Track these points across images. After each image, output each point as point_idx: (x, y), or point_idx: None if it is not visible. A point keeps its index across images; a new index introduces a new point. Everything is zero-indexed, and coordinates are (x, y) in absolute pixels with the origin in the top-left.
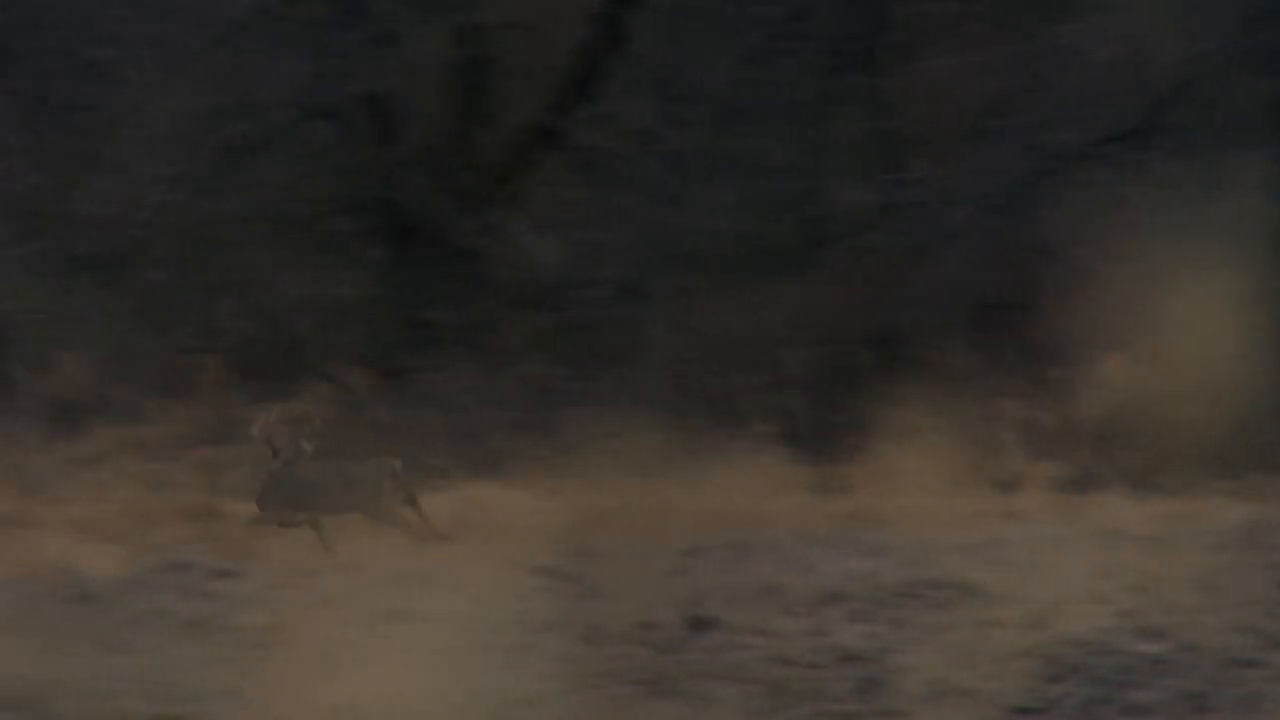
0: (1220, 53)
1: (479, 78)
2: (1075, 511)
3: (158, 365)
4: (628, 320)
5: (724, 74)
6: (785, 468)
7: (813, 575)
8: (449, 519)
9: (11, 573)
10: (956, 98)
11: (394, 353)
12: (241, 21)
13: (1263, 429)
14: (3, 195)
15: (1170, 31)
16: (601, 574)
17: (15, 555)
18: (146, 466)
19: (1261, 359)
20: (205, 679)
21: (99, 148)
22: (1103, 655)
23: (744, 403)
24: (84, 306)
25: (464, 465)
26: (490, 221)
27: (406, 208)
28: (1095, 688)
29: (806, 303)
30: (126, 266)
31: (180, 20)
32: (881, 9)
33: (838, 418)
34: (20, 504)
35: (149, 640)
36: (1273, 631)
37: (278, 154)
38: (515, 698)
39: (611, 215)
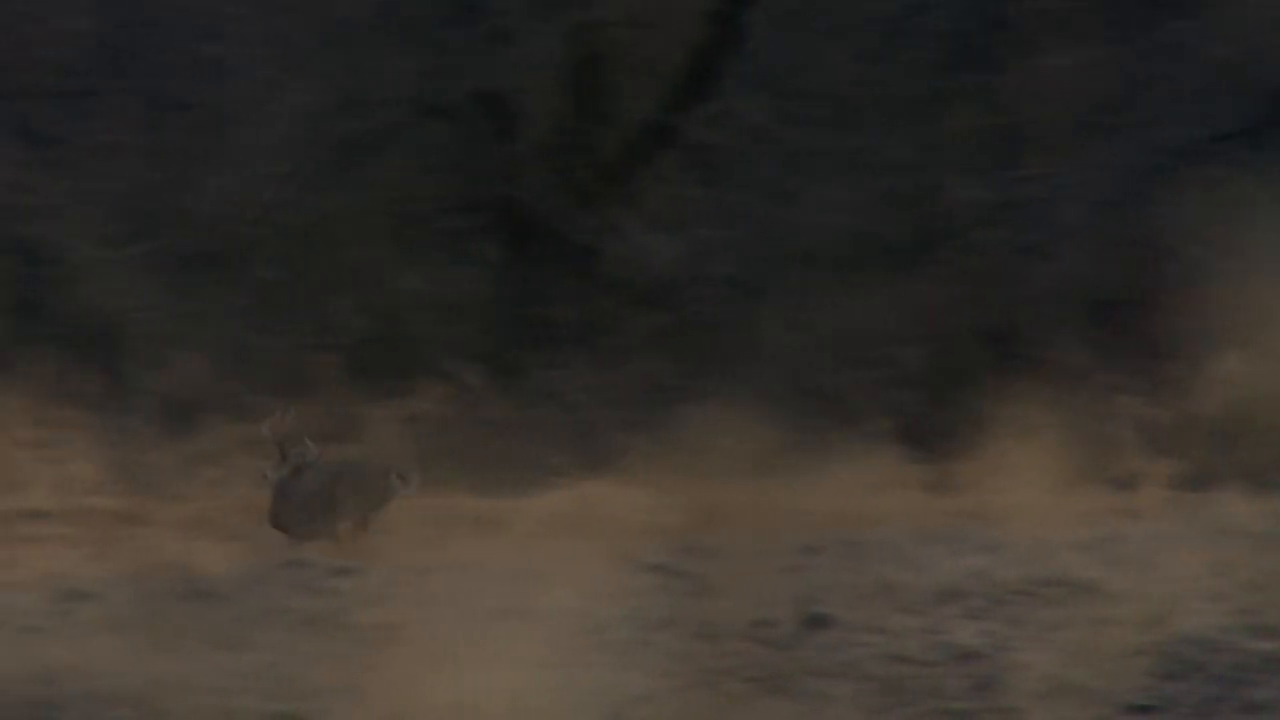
0: None
1: (595, 75)
2: (1192, 509)
3: (273, 363)
4: (743, 318)
5: (839, 71)
6: (900, 465)
7: (928, 573)
8: (564, 516)
9: (128, 570)
10: (1072, 94)
11: (509, 350)
12: (357, 19)
13: None
14: (118, 193)
15: None
16: (716, 571)
17: (132, 553)
18: (263, 464)
19: None
20: (322, 676)
21: (214, 145)
22: (1219, 653)
23: (859, 400)
24: (199, 304)
25: (579, 463)
26: (606, 219)
27: (522, 205)
28: (1212, 686)
29: (921, 300)
30: (242, 264)
31: (296, 17)
32: (997, 6)
33: (953, 415)
34: (136, 502)
35: (266, 637)
36: None
37: (393, 151)
38: (630, 695)
39: (727, 213)
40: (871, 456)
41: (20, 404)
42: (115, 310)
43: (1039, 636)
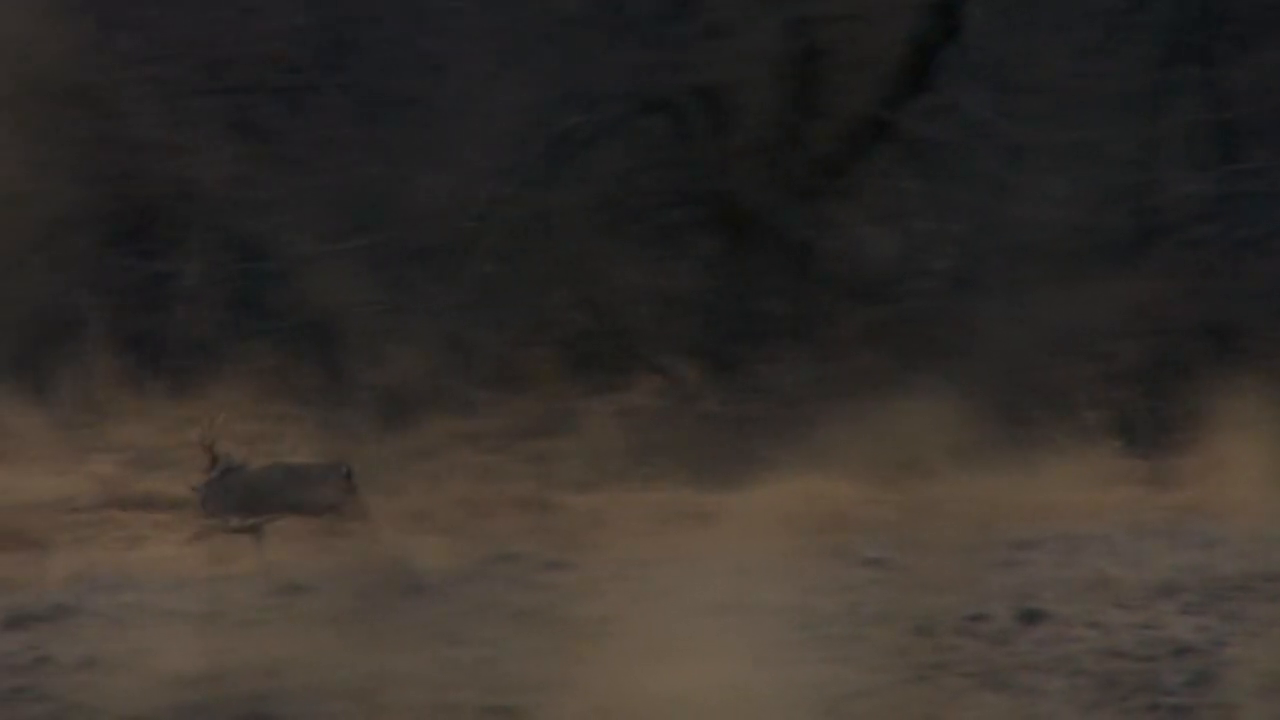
0: None
1: (811, 69)
2: None
3: (490, 357)
4: (960, 312)
5: (1059, 65)
6: (1117, 460)
7: (1145, 568)
8: (780, 510)
9: (345, 564)
10: None
11: (725, 344)
12: (575, 14)
13: None
14: (338, 188)
15: None
16: (932, 565)
17: (350, 547)
18: (479, 458)
19: None
20: (536, 670)
21: (432, 140)
22: None
23: (1076, 394)
24: (417, 299)
25: (795, 457)
26: (822, 213)
27: (738, 200)
28: None
29: (1140, 294)
30: (459, 259)
31: (514, 13)
32: (1218, 0)
33: (1171, 410)
34: (354, 496)
35: (481, 631)
36: None
37: (610, 146)
38: (846, 690)
39: (944, 207)
40: (1088, 451)
41: (239, 398)
42: (333, 305)
43: (1256, 632)
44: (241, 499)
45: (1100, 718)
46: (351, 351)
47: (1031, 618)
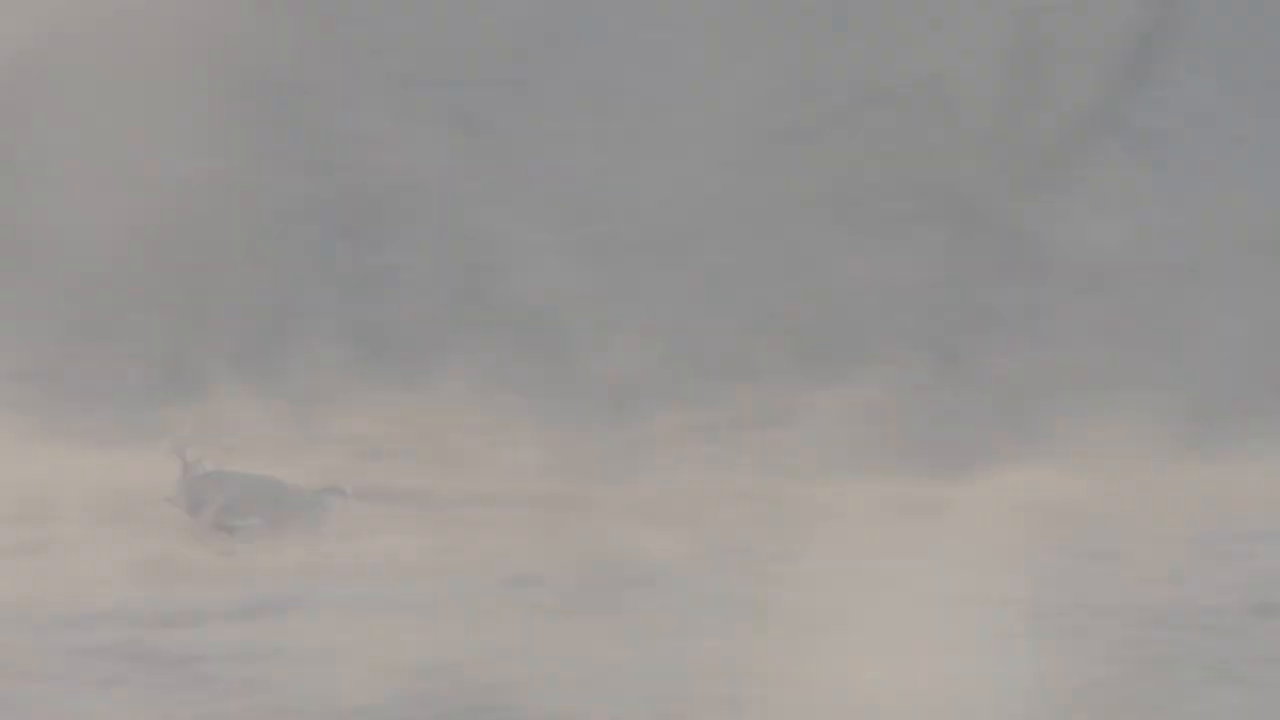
0: None
1: (1036, 60)
2: None
3: (716, 348)
4: (1187, 303)
5: None
6: None
7: None
8: (1007, 501)
9: (572, 555)
10: None
11: (952, 336)
12: (800, 5)
13: None
14: (559, 179)
15: None
16: (1162, 557)
17: (577, 538)
18: (705, 449)
19: None
20: (765, 661)
21: (655, 131)
22: None
23: None
24: (642, 289)
25: (1022, 448)
26: (1047, 204)
27: (964, 191)
28: None
29: None
30: (683, 249)
31: (739, 3)
32: None
33: None
34: (581, 487)
35: (709, 623)
36: None
37: (836, 137)
38: (1076, 682)
39: (1171, 197)
40: None
41: (465, 389)
42: (557, 296)
43: None
44: (216, 502)
45: None
46: (576, 342)
47: (1266, 610)
